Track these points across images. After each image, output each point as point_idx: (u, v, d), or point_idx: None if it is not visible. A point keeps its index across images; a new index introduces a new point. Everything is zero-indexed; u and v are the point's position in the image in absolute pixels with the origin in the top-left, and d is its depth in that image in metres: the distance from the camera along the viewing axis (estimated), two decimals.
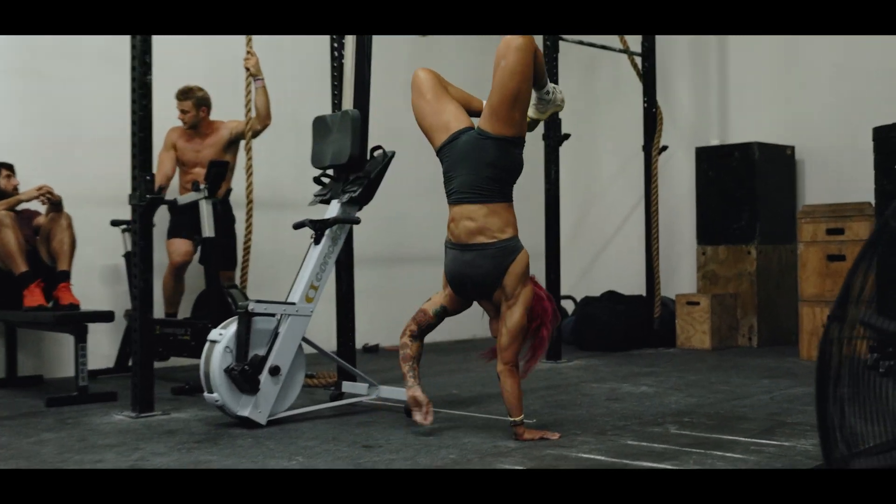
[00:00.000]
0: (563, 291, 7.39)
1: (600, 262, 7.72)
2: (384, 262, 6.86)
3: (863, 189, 5.84)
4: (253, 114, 5.18)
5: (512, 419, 3.27)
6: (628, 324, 6.23)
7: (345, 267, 4.45)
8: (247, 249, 5.12)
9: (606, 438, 3.21)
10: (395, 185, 6.79)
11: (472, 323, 7.25)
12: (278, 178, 6.28)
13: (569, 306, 7.30)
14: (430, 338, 7.00)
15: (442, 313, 3.53)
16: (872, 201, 5.21)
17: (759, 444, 3.01)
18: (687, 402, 4.04)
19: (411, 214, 7.02)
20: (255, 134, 5.32)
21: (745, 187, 6.34)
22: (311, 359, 5.07)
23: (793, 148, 6.56)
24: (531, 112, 3.56)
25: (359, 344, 6.37)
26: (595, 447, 3.08)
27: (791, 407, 3.91)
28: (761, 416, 3.66)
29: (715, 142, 6.83)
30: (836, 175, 6.40)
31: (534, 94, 3.49)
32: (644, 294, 6.59)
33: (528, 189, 7.57)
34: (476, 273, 3.33)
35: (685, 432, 3.29)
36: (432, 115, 3.41)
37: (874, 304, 1.71)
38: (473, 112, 3.48)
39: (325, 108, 4.38)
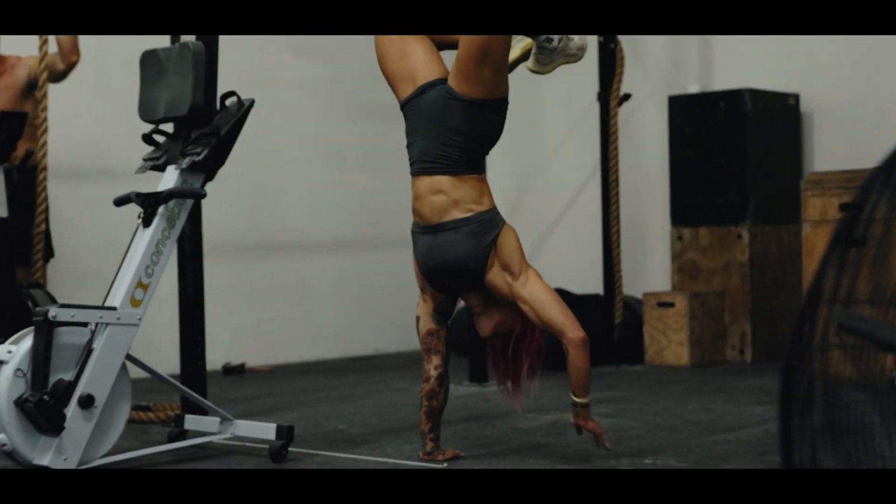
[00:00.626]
0: None
1: (544, 252, 7.72)
2: (252, 253, 6.78)
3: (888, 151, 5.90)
4: (53, 48, 5.07)
5: (576, 399, 3.61)
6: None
7: (191, 258, 4.35)
8: (39, 235, 5.03)
9: None
10: (269, 147, 6.72)
11: (371, 335, 7.22)
12: (104, 137, 6.15)
13: None
14: (315, 353, 6.96)
15: (443, 322, 3.80)
16: None
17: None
18: (653, 438, 4.05)
19: (292, 188, 6.94)
20: (57, 77, 5.22)
21: (734, 149, 6.38)
22: (146, 385, 4.97)
23: (797, 97, 6.62)
24: (530, 64, 3.77)
25: (217, 363, 6.29)
26: None
27: None
28: (749, 457, 3.68)
29: (694, 89, 6.87)
30: (853, 133, 6.49)
31: (534, 44, 3.72)
32: (601, 293, 6.60)
33: None
34: (455, 257, 3.58)
35: (648, 464, 3.30)
36: (396, 59, 3.64)
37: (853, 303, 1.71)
38: (452, 45, 3.66)
39: (164, 41, 4.28)
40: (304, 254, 7.01)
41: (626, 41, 6.51)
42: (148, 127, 4.03)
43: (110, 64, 6.11)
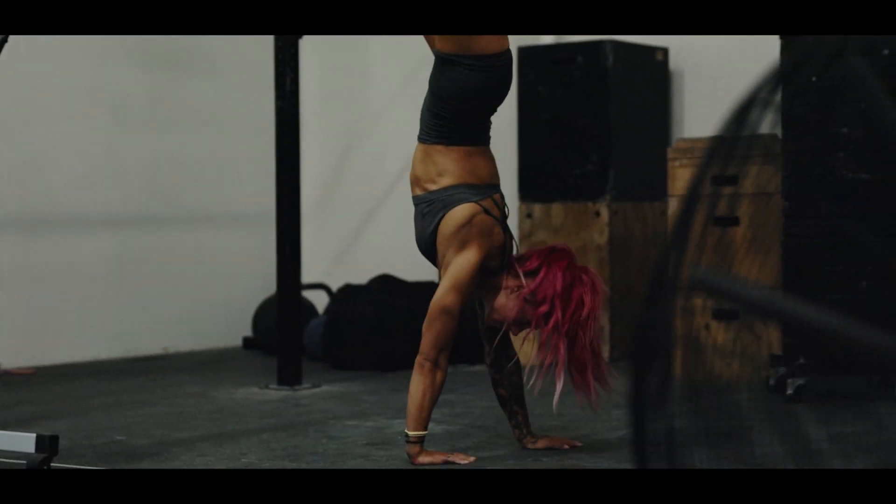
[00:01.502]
0: (310, 278, 7.37)
1: (370, 231, 7.74)
2: (10, 230, 6.61)
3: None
4: None
5: (406, 432, 3.81)
6: (412, 327, 6.25)
7: None
8: None
9: None
10: (32, 100, 6.55)
11: (158, 331, 7.12)
12: None
13: (319, 301, 7.27)
14: (87, 353, 6.83)
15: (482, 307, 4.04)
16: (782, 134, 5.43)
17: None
18: (494, 445, 4.13)
19: (60, 151, 6.79)
20: None
21: (593, 111, 6.48)
22: None
23: (665, 51, 6.77)
24: None
25: None
26: None
27: None
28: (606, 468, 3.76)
29: (548, 39, 6.96)
30: (731, 95, 6.64)
31: None
32: (437, 280, 6.64)
33: (250, 114, 7.51)
34: (419, 239, 4.04)
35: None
36: None
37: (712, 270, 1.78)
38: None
39: None
40: (75, 231, 6.87)
41: None
42: None
43: None
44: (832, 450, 3.97)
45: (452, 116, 3.83)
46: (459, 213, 3.81)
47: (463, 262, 3.79)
